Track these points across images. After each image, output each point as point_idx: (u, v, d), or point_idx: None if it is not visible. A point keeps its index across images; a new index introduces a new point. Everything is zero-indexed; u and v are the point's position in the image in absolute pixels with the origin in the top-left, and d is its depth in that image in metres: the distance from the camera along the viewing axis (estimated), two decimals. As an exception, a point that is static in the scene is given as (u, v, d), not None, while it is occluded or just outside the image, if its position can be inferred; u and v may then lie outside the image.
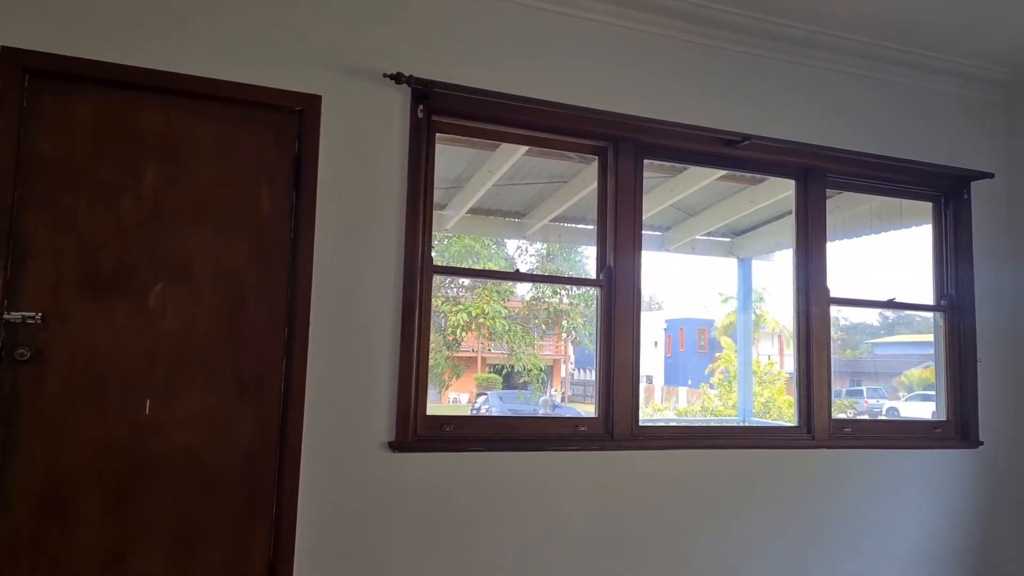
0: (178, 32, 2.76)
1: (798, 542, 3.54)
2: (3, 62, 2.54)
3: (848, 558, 3.62)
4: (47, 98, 2.61)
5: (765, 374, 11.50)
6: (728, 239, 6.36)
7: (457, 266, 10.41)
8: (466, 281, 12.58)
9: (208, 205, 2.77)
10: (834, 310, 3.80)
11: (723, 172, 4.24)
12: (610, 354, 3.36)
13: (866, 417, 10.62)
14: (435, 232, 3.19)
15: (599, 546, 3.21)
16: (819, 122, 3.77)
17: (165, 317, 2.69)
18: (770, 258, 6.50)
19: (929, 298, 4.13)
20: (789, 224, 3.92)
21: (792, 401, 3.86)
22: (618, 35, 3.44)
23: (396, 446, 2.92)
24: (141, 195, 2.69)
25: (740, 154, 3.61)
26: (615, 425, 3.31)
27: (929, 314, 4.16)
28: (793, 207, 3.86)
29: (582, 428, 3.32)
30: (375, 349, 2.94)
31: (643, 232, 3.47)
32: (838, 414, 3.77)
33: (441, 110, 3.13)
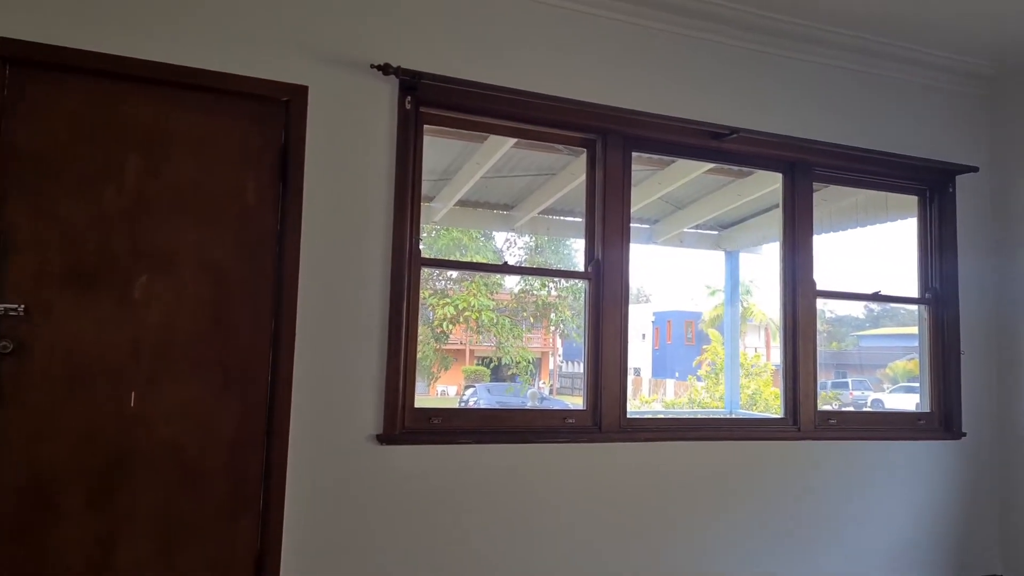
0: (162, 21, 2.73)
1: (784, 532, 3.57)
2: (-17, 50, 2.50)
3: (833, 547, 3.66)
4: (29, 88, 2.58)
5: (752, 366, 11.57)
6: (716, 232, 6.38)
7: (445, 259, 10.39)
8: (454, 274, 12.56)
9: (193, 196, 2.75)
10: (820, 303, 3.83)
11: (711, 165, 4.25)
12: (598, 347, 3.36)
13: (851, 409, 10.71)
14: (423, 224, 3.18)
15: (587, 537, 3.22)
16: (806, 116, 3.79)
17: (149, 309, 2.67)
18: (757, 251, 6.53)
19: (914, 291, 4.17)
20: (776, 217, 3.94)
21: (778, 393, 3.89)
22: (607, 28, 3.44)
23: (384, 439, 2.92)
24: (125, 186, 2.66)
25: (728, 147, 3.62)
26: (603, 417, 3.32)
27: (914, 307, 4.19)
28: (780, 200, 3.88)
29: (570, 420, 3.33)
30: (363, 341, 2.93)
31: (631, 225, 3.48)
32: (823, 406, 3.80)
33: (429, 101, 3.11)
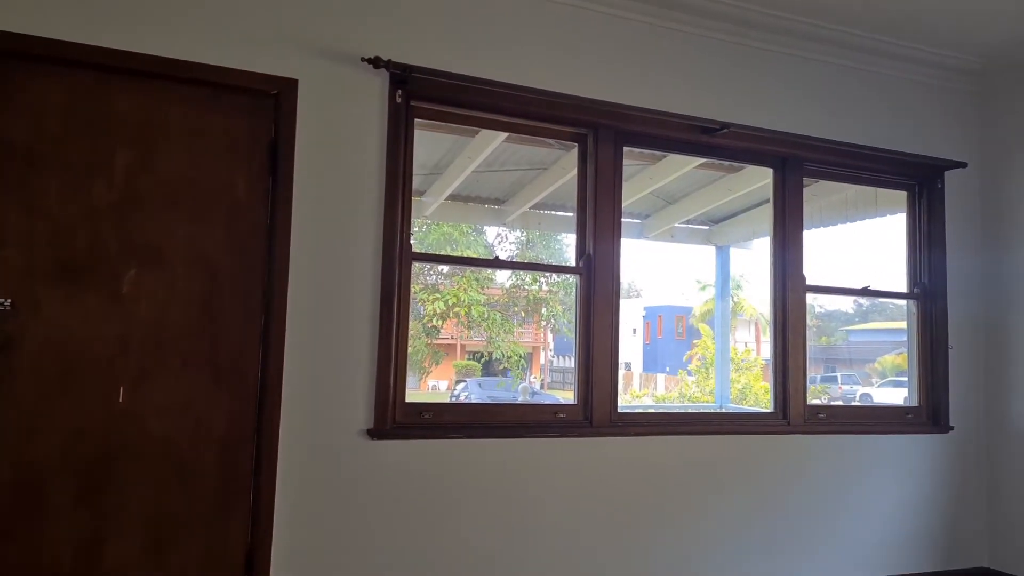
0: (151, 14, 2.71)
1: (774, 525, 3.60)
2: (-32, 42, 2.47)
3: (823, 540, 3.69)
4: (15, 80, 2.55)
5: (742, 361, 11.62)
6: (707, 227, 6.39)
7: (436, 253, 10.37)
8: (445, 268, 12.54)
9: (182, 190, 2.73)
10: (810, 298, 3.85)
11: (702, 160, 4.26)
12: (589, 341, 3.37)
13: (840, 403, 10.78)
14: (414, 219, 3.17)
15: (578, 531, 3.23)
16: (797, 111, 3.80)
17: (139, 303, 2.65)
18: (748, 246, 6.55)
19: (903, 286, 4.19)
20: (767, 212, 3.95)
21: (768, 387, 3.91)
22: (599, 23, 3.43)
23: (375, 433, 2.91)
24: (113, 179, 2.64)
25: (719, 142, 3.63)
26: (594, 412, 3.32)
27: (902, 302, 4.22)
28: (771, 195, 3.89)
29: (561, 415, 3.34)
30: (354, 336, 2.92)
31: (622, 219, 3.48)
32: (813, 400, 3.83)
33: (420, 95, 3.10)
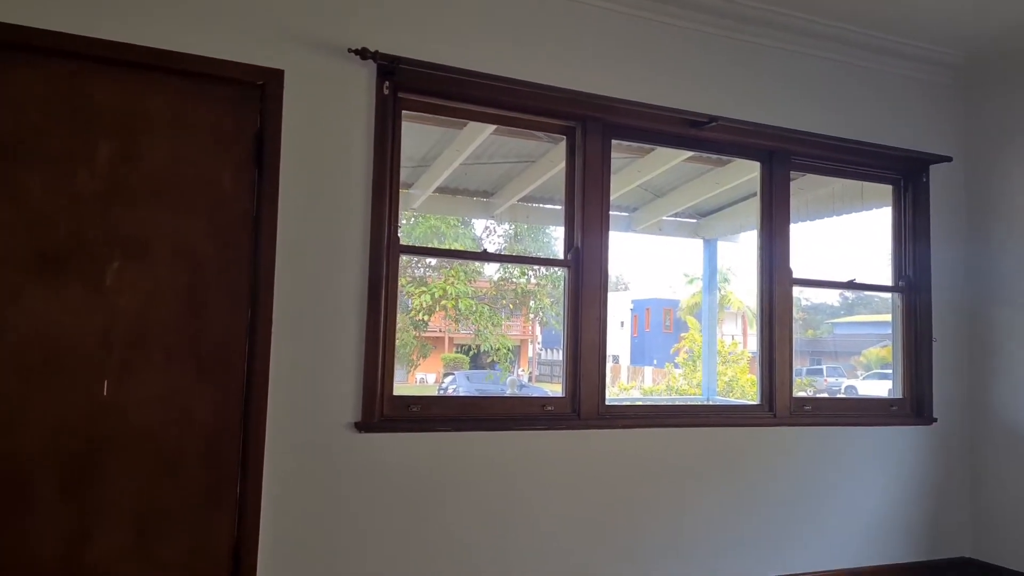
0: (135, 2, 2.67)
1: (760, 516, 3.62)
2: (-53, 30, 2.43)
3: (808, 531, 3.72)
4: (-5, 68, 2.51)
5: (729, 354, 11.67)
6: (694, 220, 6.41)
7: (424, 246, 10.33)
8: (433, 261, 12.50)
9: (166, 181, 2.70)
10: (796, 291, 3.87)
11: (690, 153, 4.26)
12: (577, 334, 3.37)
13: (826, 395, 10.86)
14: (401, 211, 3.16)
15: (566, 523, 3.24)
16: (785, 105, 3.81)
17: (122, 296, 2.62)
18: (735, 239, 6.58)
19: (888, 279, 4.23)
20: (754, 206, 3.97)
21: (755, 380, 3.93)
22: (588, 15, 3.42)
23: (362, 426, 2.91)
24: (96, 170, 2.61)
25: (707, 135, 3.63)
26: (582, 404, 3.33)
27: (887, 295, 4.25)
28: (758, 189, 3.90)
29: (549, 408, 3.34)
30: (341, 329, 2.91)
31: (610, 213, 3.48)
32: (799, 392, 3.85)
33: (408, 87, 3.08)
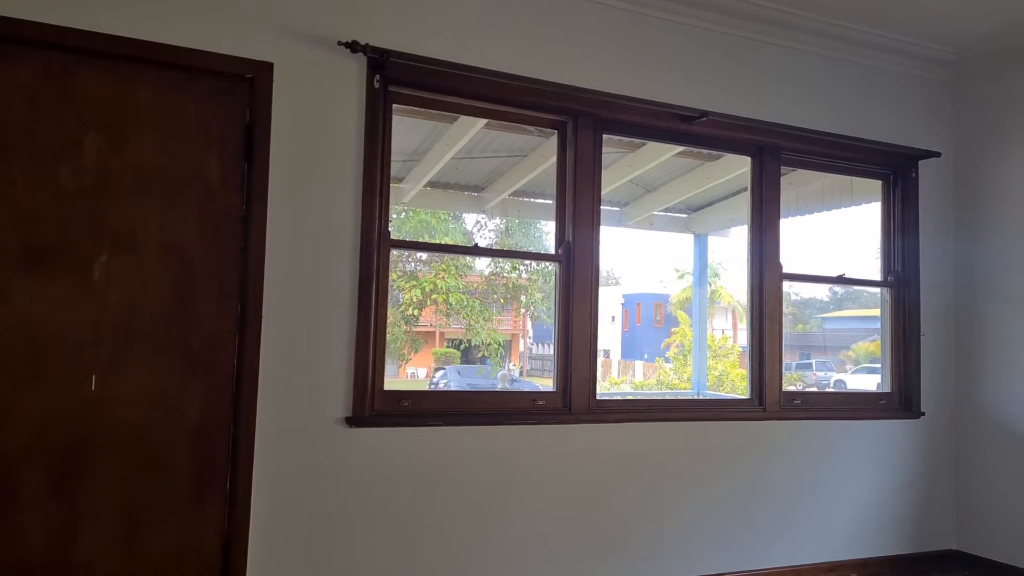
0: (120, -7, 2.64)
1: (749, 509, 3.64)
2: (-70, 21, 2.40)
3: (797, 523, 3.74)
4: (-21, 60, 2.48)
5: (719, 348, 11.71)
6: (685, 215, 6.42)
7: (415, 240, 10.31)
8: (423, 256, 12.48)
9: (154, 175, 2.68)
10: (786, 285, 3.88)
11: (681, 148, 4.26)
12: (568, 329, 3.37)
13: (815, 389, 10.92)
14: (392, 206, 3.14)
15: (557, 518, 3.24)
16: (775, 100, 3.81)
17: (110, 290, 2.60)
18: (726, 234, 6.60)
19: (877, 274, 4.25)
20: (744, 200, 3.97)
21: (745, 374, 3.94)
22: (579, 10, 3.41)
23: (353, 421, 2.90)
24: (83, 164, 2.58)
25: (698, 130, 3.63)
26: (573, 399, 3.33)
27: (876, 289, 4.28)
28: (748, 184, 3.91)
29: (540, 402, 3.34)
30: (331, 324, 2.90)
31: (601, 207, 3.48)
32: (788, 387, 3.87)
33: (398, 80, 3.06)
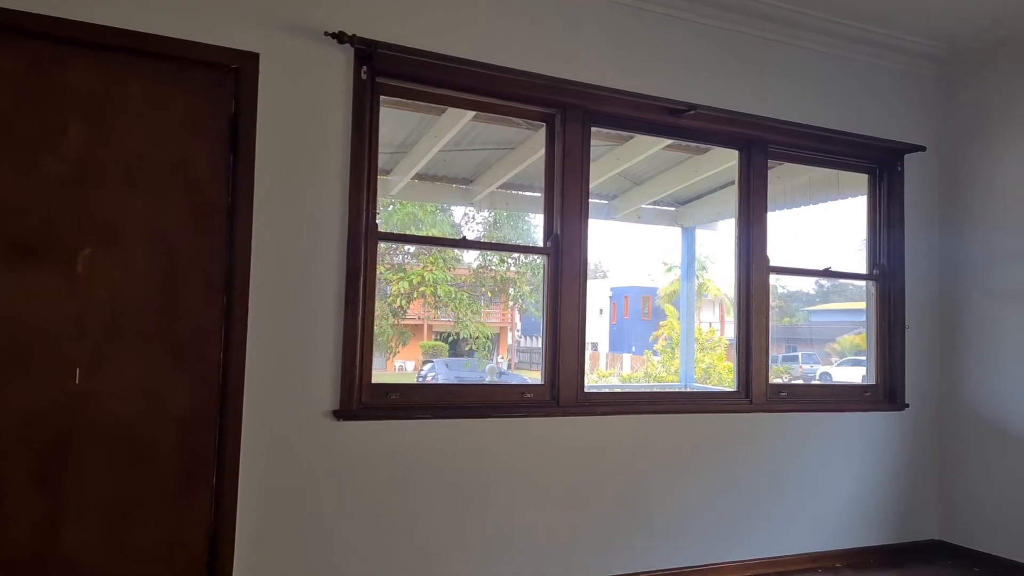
0: (103, -19, 2.61)
1: (735, 500, 3.67)
2: (-92, 8, 2.36)
3: (783, 514, 3.77)
4: (-41, 49, 2.44)
5: (706, 341, 11.75)
6: (673, 208, 6.43)
7: (403, 233, 10.28)
8: (411, 248, 12.44)
9: (139, 166, 2.65)
10: (773, 278, 3.90)
11: (669, 141, 4.27)
12: (556, 322, 3.38)
13: (801, 382, 10.99)
14: (380, 198, 3.13)
15: (545, 510, 3.25)
16: (763, 94, 3.82)
17: (94, 283, 2.58)
18: (713, 227, 6.61)
19: (863, 267, 4.28)
20: (732, 194, 3.99)
21: (732, 367, 3.96)
22: (568, 2, 3.41)
23: (340, 414, 2.89)
24: (67, 155, 2.55)
25: (685, 124, 3.64)
26: (561, 392, 3.34)
27: (862, 283, 4.31)
28: (736, 177, 3.92)
29: (528, 395, 3.35)
30: (319, 316, 2.89)
31: (590, 200, 3.48)
32: (775, 379, 3.90)
33: (386, 72, 3.04)
